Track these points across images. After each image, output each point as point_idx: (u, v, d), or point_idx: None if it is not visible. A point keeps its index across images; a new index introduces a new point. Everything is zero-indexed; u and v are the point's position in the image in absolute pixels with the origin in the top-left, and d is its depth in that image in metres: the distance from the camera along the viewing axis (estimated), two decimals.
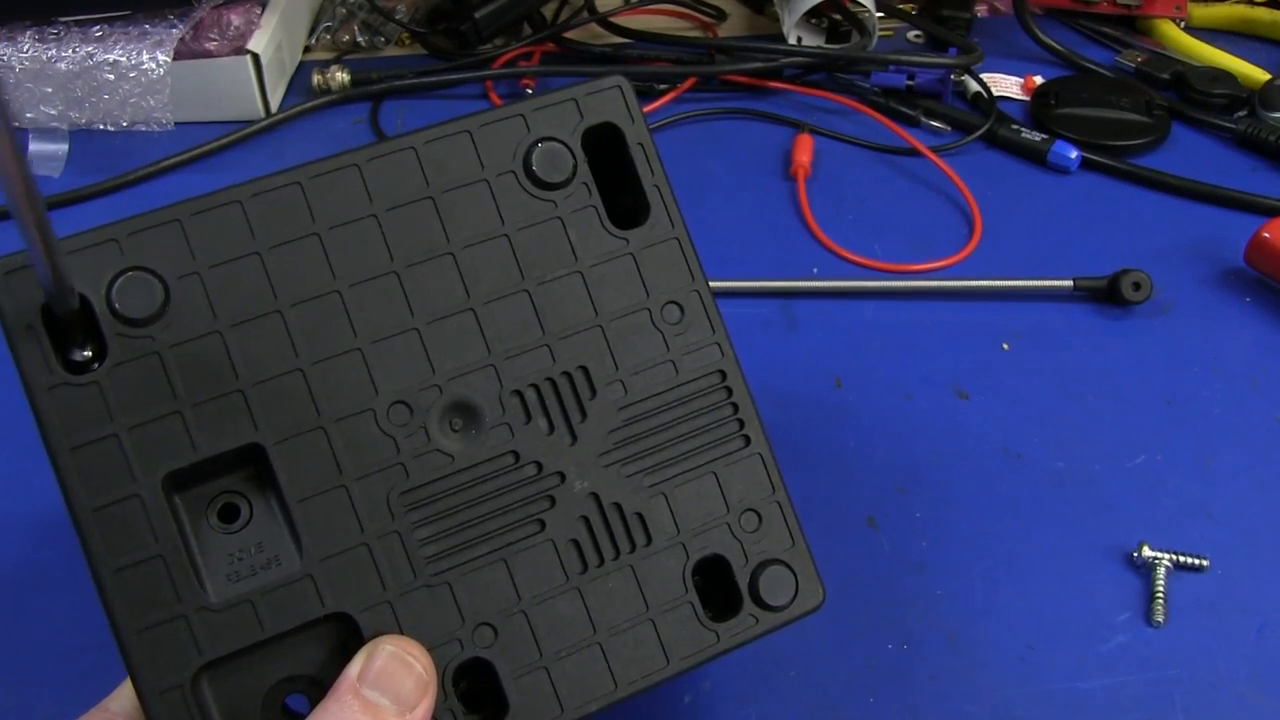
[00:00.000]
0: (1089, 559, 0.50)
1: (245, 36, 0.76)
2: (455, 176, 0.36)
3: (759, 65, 0.79)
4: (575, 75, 0.80)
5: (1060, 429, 0.56)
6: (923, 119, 0.77)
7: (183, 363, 0.32)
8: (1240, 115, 0.77)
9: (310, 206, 0.34)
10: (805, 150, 0.73)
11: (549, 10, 0.87)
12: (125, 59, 0.72)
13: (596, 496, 0.36)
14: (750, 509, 0.38)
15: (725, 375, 0.38)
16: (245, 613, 0.32)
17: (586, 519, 0.36)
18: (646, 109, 0.38)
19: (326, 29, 0.86)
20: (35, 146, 0.75)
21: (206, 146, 0.75)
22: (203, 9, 0.75)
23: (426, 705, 0.32)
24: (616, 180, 0.38)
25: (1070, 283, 0.63)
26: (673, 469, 0.37)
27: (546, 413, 0.36)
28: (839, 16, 0.82)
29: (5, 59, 0.72)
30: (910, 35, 0.88)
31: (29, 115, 0.74)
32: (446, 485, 0.35)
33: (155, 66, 0.72)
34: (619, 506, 0.36)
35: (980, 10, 0.90)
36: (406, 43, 0.87)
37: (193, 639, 0.31)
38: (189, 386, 0.32)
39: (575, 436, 0.36)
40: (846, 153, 0.75)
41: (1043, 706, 0.45)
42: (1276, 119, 0.76)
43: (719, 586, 0.38)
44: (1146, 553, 0.49)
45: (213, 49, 0.76)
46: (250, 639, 0.32)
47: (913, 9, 0.88)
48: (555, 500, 0.36)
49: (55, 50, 0.72)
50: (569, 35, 0.85)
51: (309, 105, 0.79)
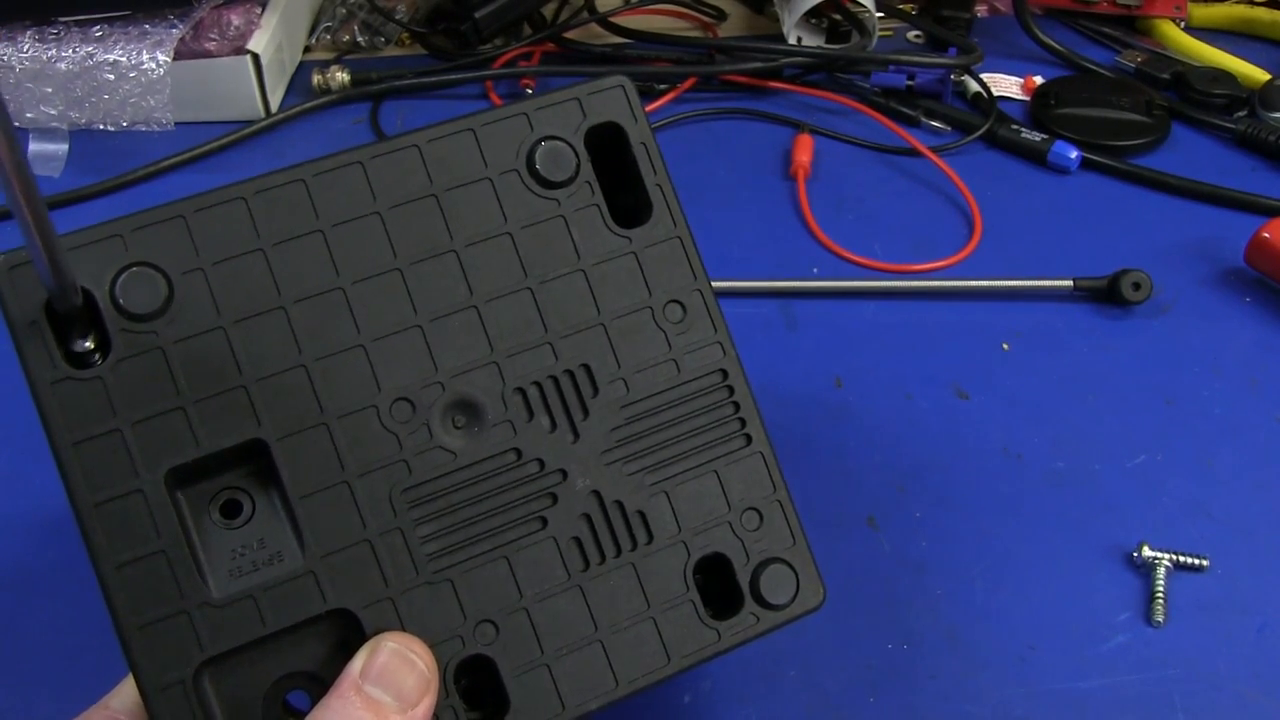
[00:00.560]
0: (1089, 559, 0.50)
1: (245, 36, 0.76)
2: (458, 175, 0.36)
3: (759, 65, 0.79)
4: (575, 75, 0.80)
5: (1060, 429, 0.56)
6: (923, 119, 0.77)
7: (186, 358, 0.32)
8: (1240, 115, 0.77)
9: (314, 204, 0.34)
10: (805, 150, 0.73)
11: (549, 10, 0.87)
12: (125, 59, 0.72)
13: (598, 494, 0.36)
14: (751, 508, 0.38)
15: (727, 374, 0.38)
16: (247, 609, 0.32)
17: (588, 517, 0.36)
18: (647, 109, 0.38)
19: (326, 29, 0.86)
20: (35, 146, 0.75)
21: (206, 146, 0.75)
22: (203, 9, 0.75)
23: (428, 702, 0.32)
24: (619, 179, 0.38)
25: (1070, 283, 0.63)
26: (674, 467, 0.37)
27: (549, 410, 0.36)
28: (839, 16, 0.82)
29: (5, 59, 0.72)
30: (910, 35, 0.88)
31: (29, 115, 0.74)
32: (449, 482, 0.35)
33: (155, 66, 0.72)
34: (620, 504, 0.36)
35: (980, 10, 0.90)
36: (406, 43, 0.87)
37: (195, 635, 0.31)
38: (192, 382, 0.32)
39: (577, 434, 0.36)
40: (846, 153, 0.75)
41: (1043, 706, 0.45)
42: (1276, 119, 0.76)
43: (720, 585, 0.38)
44: (1146, 553, 0.49)
45: (213, 49, 0.76)
46: (252, 635, 0.32)
47: (913, 9, 0.88)
48: (557, 498, 0.36)
49: (55, 50, 0.72)
50: (569, 35, 0.85)
51: (309, 105, 0.79)
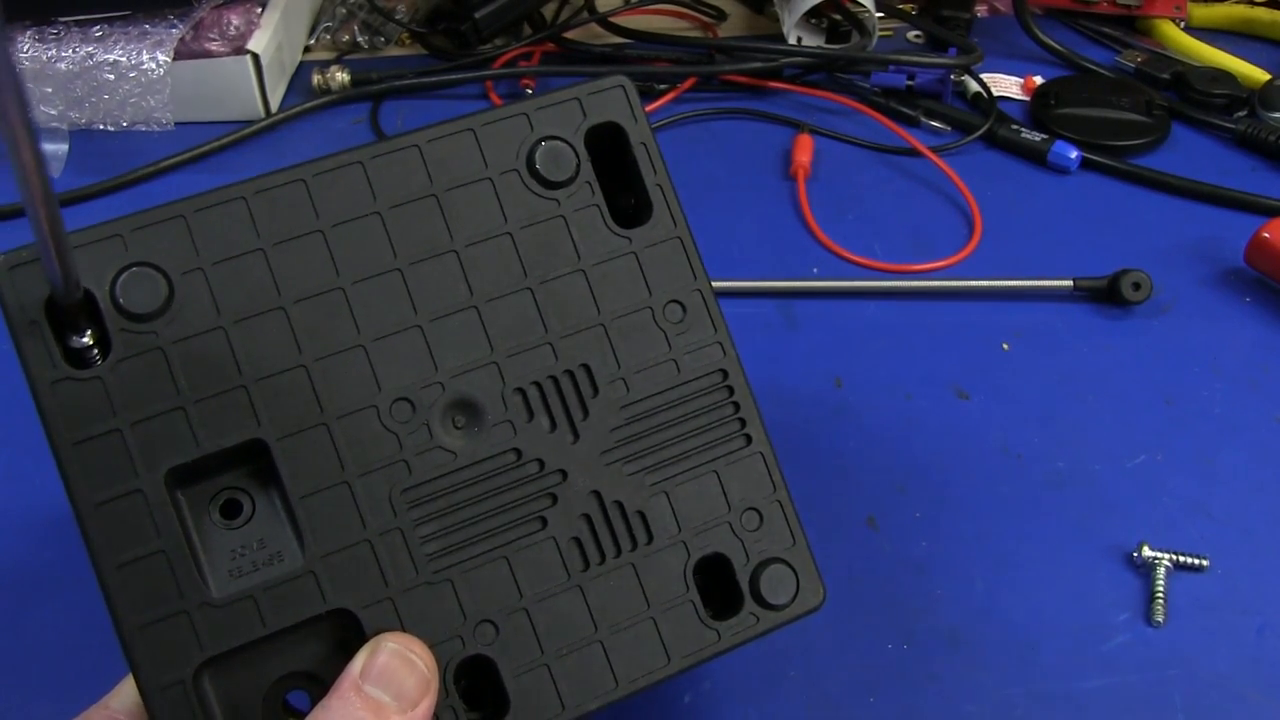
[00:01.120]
0: (1089, 559, 0.50)
1: (245, 36, 0.76)
2: (458, 175, 0.36)
3: (759, 65, 0.79)
4: (575, 75, 0.80)
5: (1060, 429, 0.56)
6: (923, 119, 0.77)
7: (186, 358, 0.32)
8: (1240, 115, 0.77)
9: (314, 204, 0.34)
10: (805, 150, 0.73)
11: (549, 10, 0.87)
12: (125, 59, 0.72)
13: (598, 494, 0.36)
14: (751, 508, 0.38)
15: (727, 374, 0.38)
16: (247, 609, 0.32)
17: (588, 517, 0.36)
18: (647, 109, 0.38)
19: (326, 29, 0.86)
20: None
21: (206, 146, 0.75)
22: (203, 9, 0.75)
23: (428, 702, 0.32)
24: (619, 179, 0.38)
25: (1070, 283, 0.63)
26: (674, 467, 0.37)
27: (549, 411, 0.36)
28: (839, 16, 0.82)
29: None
30: (910, 35, 0.88)
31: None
32: (448, 482, 0.35)
33: (155, 66, 0.72)
34: (620, 505, 0.36)
35: (980, 10, 0.90)
36: (406, 43, 0.87)
37: (194, 635, 0.31)
38: (192, 382, 0.32)
39: (577, 435, 0.36)
40: (846, 153, 0.75)
41: (1043, 706, 0.45)
42: (1276, 119, 0.76)
43: (720, 585, 0.38)
44: (1146, 553, 0.49)
45: (213, 49, 0.76)
46: (252, 635, 0.32)
47: (913, 9, 0.88)
48: (557, 498, 0.36)
49: (55, 50, 0.72)
50: (569, 35, 0.85)
51: (309, 105, 0.79)
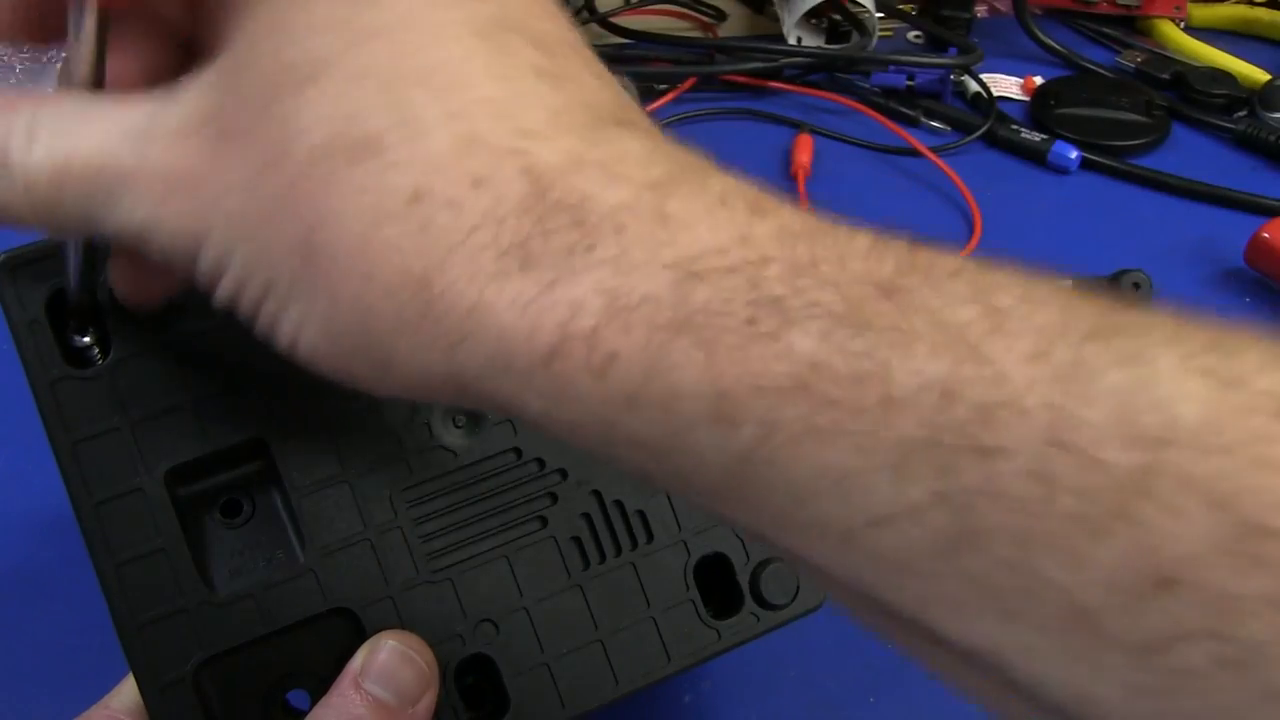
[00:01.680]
0: None
1: None
2: None
3: (759, 65, 0.79)
4: None
5: None
6: (923, 119, 0.77)
7: (187, 358, 0.32)
8: (1240, 115, 0.77)
9: None
10: (805, 150, 0.73)
11: None
12: None
13: (598, 494, 0.36)
14: None
15: None
16: (247, 607, 0.32)
17: (588, 516, 0.36)
18: (646, 109, 0.38)
19: None
20: None
21: None
22: None
23: (428, 700, 0.32)
24: None
25: (1070, 283, 0.63)
26: None
27: None
28: (839, 16, 0.82)
29: (5, 59, 0.72)
30: (910, 35, 0.88)
31: None
32: (449, 481, 0.34)
33: None
34: (620, 504, 0.36)
35: (980, 10, 0.90)
36: None
37: (195, 633, 0.31)
38: (193, 381, 0.32)
39: None
40: (846, 153, 0.75)
41: None
42: (1276, 119, 0.76)
43: (720, 585, 0.37)
44: None
45: None
46: (252, 634, 0.32)
47: (913, 9, 0.88)
48: (557, 497, 0.36)
49: (56, 50, 0.72)
50: None
51: None
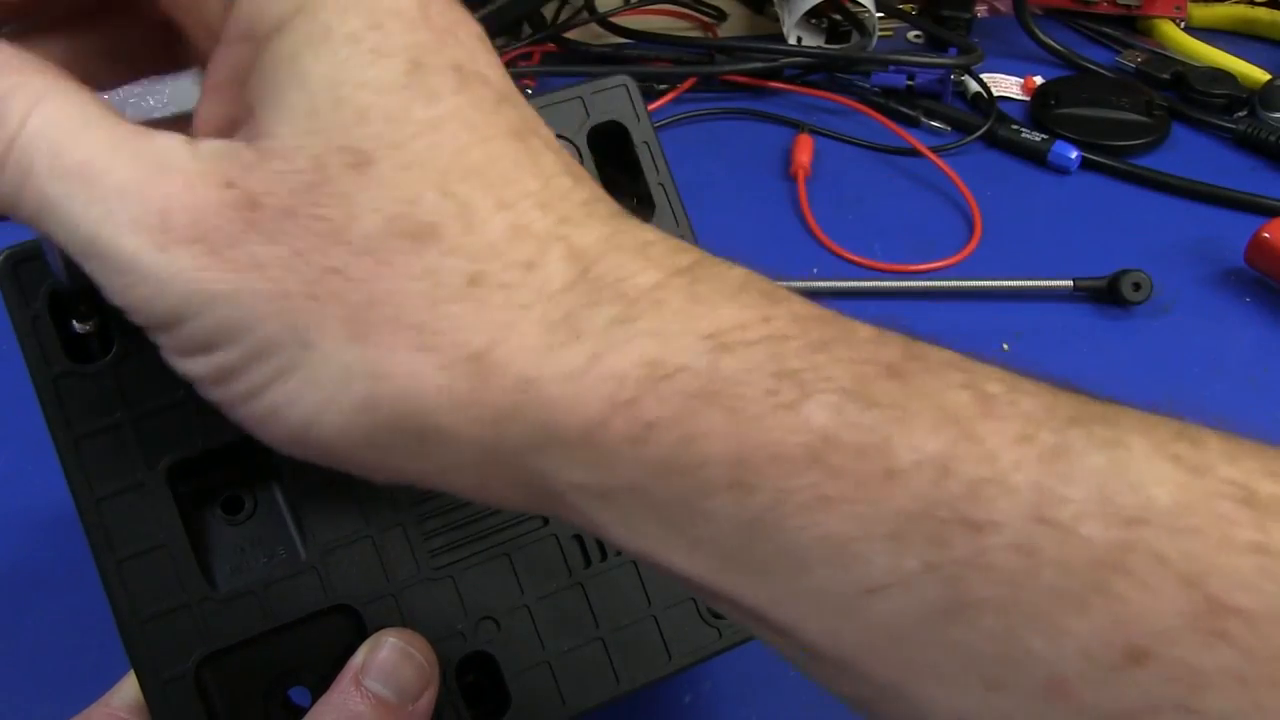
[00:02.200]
0: None
1: None
2: None
3: (759, 65, 0.79)
4: (576, 75, 0.80)
5: None
6: (923, 119, 0.77)
7: None
8: (1240, 115, 0.78)
9: None
10: (805, 150, 0.73)
11: (549, 10, 0.87)
12: None
13: None
14: None
15: None
16: (249, 604, 0.32)
17: None
18: (647, 109, 0.38)
19: None
20: None
21: None
22: None
23: (429, 698, 0.32)
24: (621, 179, 0.38)
25: (1070, 283, 0.63)
26: None
27: None
28: (839, 16, 0.82)
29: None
30: (910, 35, 0.88)
31: None
32: None
33: None
34: None
35: (980, 10, 0.90)
36: None
37: (196, 630, 0.31)
38: None
39: None
40: (846, 153, 0.75)
41: None
42: (1276, 119, 0.76)
43: None
44: None
45: None
46: (254, 630, 0.32)
47: (913, 9, 0.88)
48: None
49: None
50: (569, 35, 0.84)
51: None
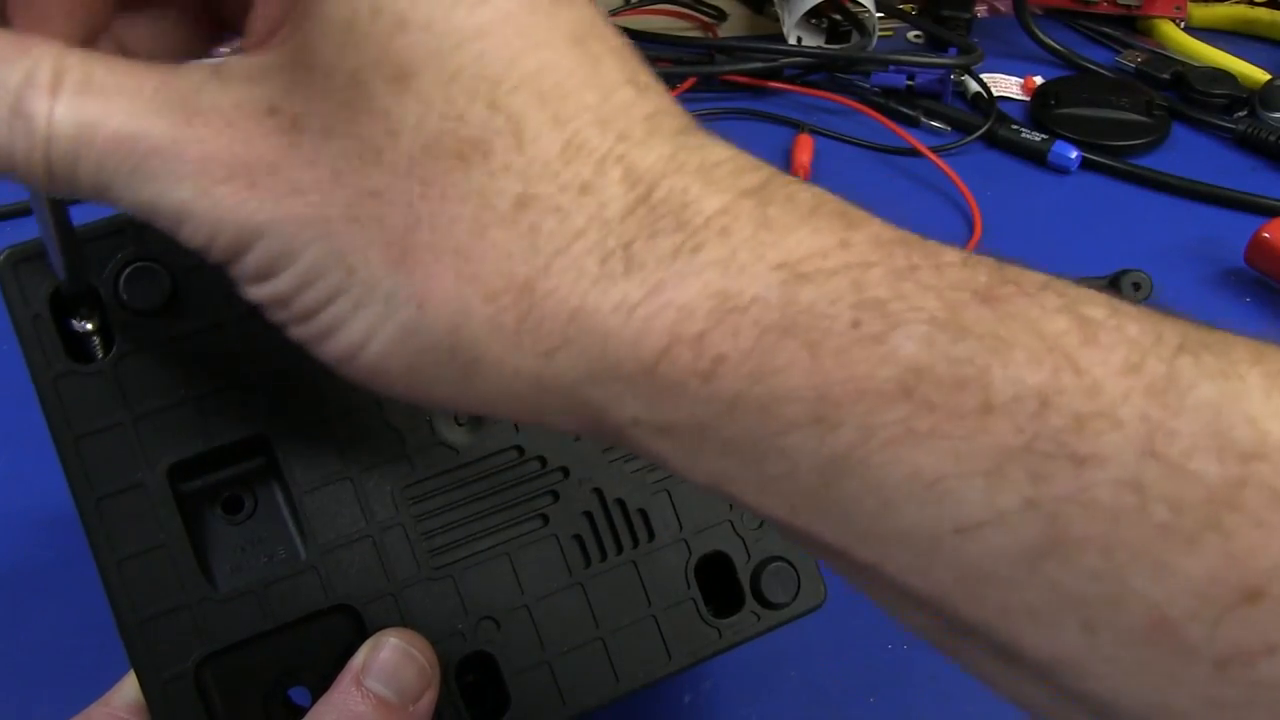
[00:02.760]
0: None
1: None
2: None
3: (759, 65, 0.79)
4: None
5: None
6: (923, 119, 0.77)
7: (189, 354, 0.32)
8: (1240, 115, 0.78)
9: None
10: (805, 150, 0.73)
11: None
12: None
13: (600, 492, 0.36)
14: None
15: None
16: (249, 604, 0.32)
17: (589, 515, 0.36)
18: None
19: None
20: None
21: None
22: None
23: (429, 697, 0.32)
24: None
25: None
26: None
27: None
28: (839, 16, 0.82)
29: None
30: (910, 35, 0.88)
31: None
32: (451, 479, 0.34)
33: None
34: (622, 503, 0.36)
35: (980, 10, 0.90)
36: None
37: (196, 630, 0.31)
38: (195, 377, 0.32)
39: None
40: (846, 153, 0.75)
41: None
42: (1276, 119, 0.76)
43: (721, 583, 0.37)
44: None
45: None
46: (254, 630, 0.32)
47: (913, 9, 0.88)
48: (559, 495, 0.36)
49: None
50: None
51: None
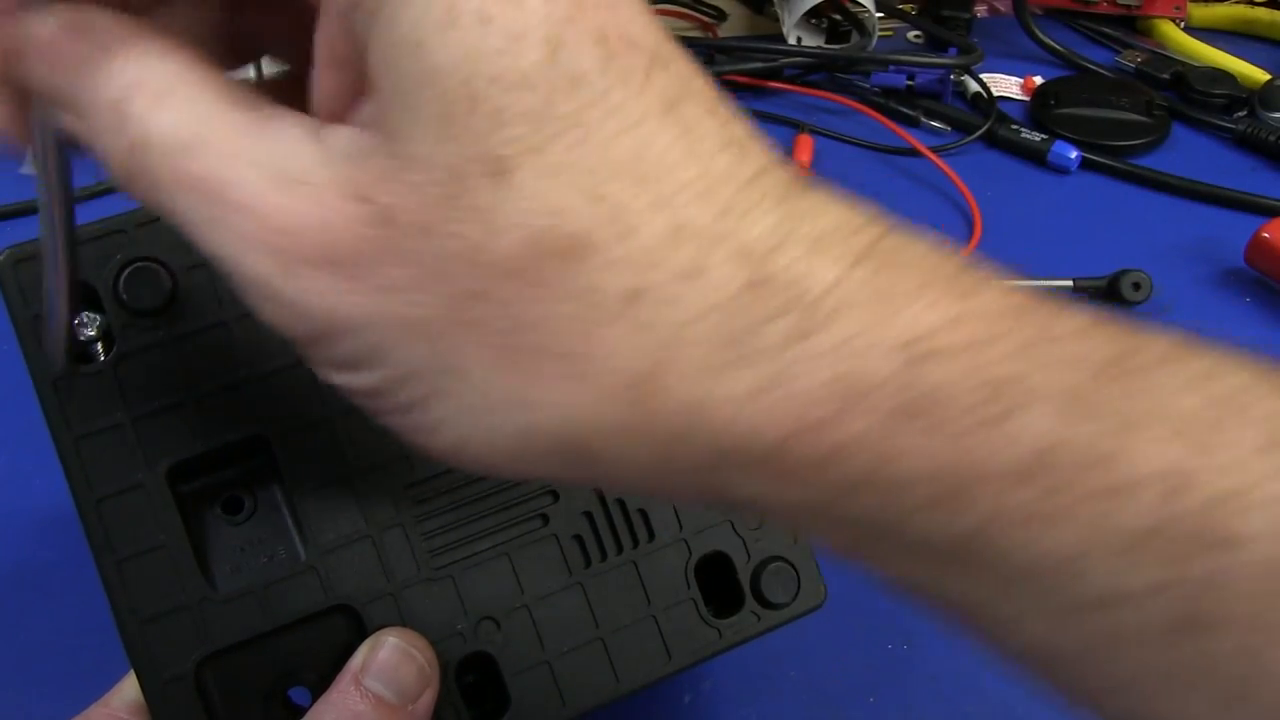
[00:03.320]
0: None
1: None
2: None
3: (759, 65, 0.79)
4: None
5: None
6: (923, 119, 0.77)
7: (189, 354, 0.32)
8: (1240, 115, 0.78)
9: None
10: (805, 150, 0.73)
11: None
12: None
13: (599, 492, 0.36)
14: None
15: None
16: (249, 604, 0.32)
17: (589, 515, 0.36)
18: None
19: None
20: None
21: None
22: None
23: (429, 697, 0.32)
24: None
25: (1070, 283, 0.63)
26: None
27: None
28: (839, 16, 0.82)
29: None
30: (910, 35, 0.88)
31: None
32: (450, 479, 0.34)
33: None
34: (622, 503, 0.36)
35: (980, 10, 0.90)
36: None
37: (196, 630, 0.31)
38: (195, 378, 0.32)
39: None
40: (846, 153, 0.75)
41: (1043, 707, 0.45)
42: (1276, 119, 0.76)
43: (721, 583, 0.37)
44: None
45: None
46: (254, 630, 0.32)
47: (913, 9, 0.88)
48: (558, 495, 0.36)
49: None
50: None
51: None
